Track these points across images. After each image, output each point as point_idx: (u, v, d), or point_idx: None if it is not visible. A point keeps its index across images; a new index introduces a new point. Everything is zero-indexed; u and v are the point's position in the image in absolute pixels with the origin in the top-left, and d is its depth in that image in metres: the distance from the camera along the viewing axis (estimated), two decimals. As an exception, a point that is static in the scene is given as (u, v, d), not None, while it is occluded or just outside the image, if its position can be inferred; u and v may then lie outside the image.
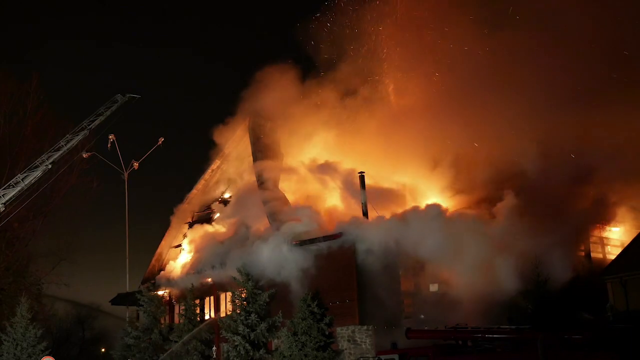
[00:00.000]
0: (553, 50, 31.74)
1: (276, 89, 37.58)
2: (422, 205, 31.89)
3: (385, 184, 33.54)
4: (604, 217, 33.77)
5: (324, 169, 33.97)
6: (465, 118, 32.64)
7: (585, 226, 33.14)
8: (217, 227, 38.85)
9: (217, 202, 40.73)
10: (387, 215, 31.62)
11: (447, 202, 32.40)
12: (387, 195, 32.79)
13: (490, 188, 31.37)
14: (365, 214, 31.59)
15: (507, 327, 24.32)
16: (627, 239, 33.59)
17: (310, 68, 38.30)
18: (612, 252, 33.70)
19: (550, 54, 31.73)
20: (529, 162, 30.77)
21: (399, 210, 31.62)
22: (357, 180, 32.52)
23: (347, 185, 33.00)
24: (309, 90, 37.82)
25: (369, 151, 34.95)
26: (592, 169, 31.05)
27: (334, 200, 34.82)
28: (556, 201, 30.38)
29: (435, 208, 30.49)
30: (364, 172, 32.18)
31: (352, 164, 33.97)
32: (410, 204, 32.32)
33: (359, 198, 32.44)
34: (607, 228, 35.03)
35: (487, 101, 32.32)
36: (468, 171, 32.32)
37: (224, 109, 39.03)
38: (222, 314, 35.10)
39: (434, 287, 30.89)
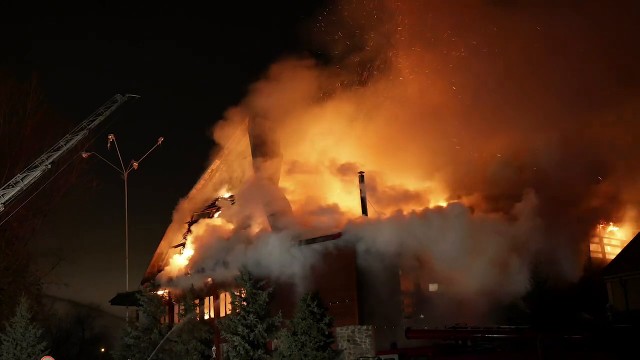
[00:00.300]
0: (567, 50, 31.67)
1: (279, 86, 37.44)
2: (431, 205, 31.90)
3: (398, 184, 33.33)
4: (613, 216, 33.79)
5: (345, 170, 33.59)
6: (480, 118, 32.52)
7: (592, 225, 33.22)
8: (223, 222, 38.59)
9: (222, 199, 40.47)
10: (389, 214, 31.60)
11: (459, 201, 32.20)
12: (399, 195, 32.65)
13: (505, 187, 31.29)
14: (365, 213, 31.52)
15: (507, 327, 24.32)
16: (626, 239, 33.64)
17: (318, 64, 37.97)
18: (612, 252, 33.71)
19: (564, 54, 31.69)
20: (546, 160, 30.69)
21: (405, 210, 31.44)
22: (378, 183, 32.39)
23: (369, 188, 32.76)
24: (317, 86, 37.60)
25: (379, 150, 34.62)
26: (607, 166, 31.13)
27: (342, 199, 34.47)
28: (568, 200, 30.42)
29: (456, 208, 30.23)
30: (363, 172, 32.12)
31: (358, 161, 33.67)
32: (421, 204, 32.17)
33: (377, 199, 32.35)
34: (608, 227, 35.06)
35: (504, 100, 32.22)
36: (482, 170, 32.12)
37: (224, 109, 38.89)
38: (221, 314, 35.16)
39: (433, 287, 30.89)
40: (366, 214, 31.49)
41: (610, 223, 35.03)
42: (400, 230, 29.29)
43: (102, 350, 49.36)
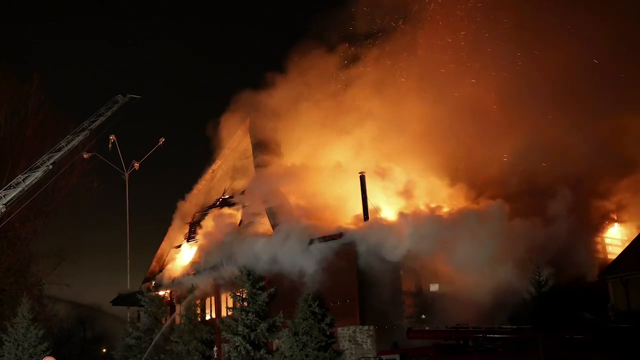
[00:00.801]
0: (598, 47, 31.38)
1: (284, 83, 37.20)
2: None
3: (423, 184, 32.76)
4: (626, 213, 33.70)
5: (384, 173, 32.92)
6: (505, 115, 32.15)
7: (602, 223, 33.17)
8: (237, 214, 38.47)
9: (237, 195, 40.08)
10: (391, 215, 31.56)
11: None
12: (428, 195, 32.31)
13: (533, 184, 30.97)
14: (365, 215, 31.42)
15: (508, 327, 24.32)
16: (627, 238, 33.56)
17: (326, 61, 36.95)
18: (613, 252, 33.64)
19: (595, 52, 31.43)
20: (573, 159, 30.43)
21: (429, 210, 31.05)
22: (412, 187, 32.11)
23: (405, 192, 32.41)
24: (326, 84, 36.91)
25: (396, 149, 33.94)
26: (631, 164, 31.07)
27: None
28: (588, 197, 30.34)
29: (495, 209, 29.45)
30: (364, 173, 32.02)
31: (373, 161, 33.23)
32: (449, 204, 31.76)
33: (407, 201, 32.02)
34: (609, 226, 34.95)
35: (531, 96, 31.93)
36: (507, 168, 31.67)
37: (225, 109, 38.92)
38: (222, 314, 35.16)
39: (434, 287, 30.85)
40: (367, 216, 31.34)
41: (614, 222, 34.89)
42: (430, 231, 29.00)
43: (104, 350, 49.39)
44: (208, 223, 38.49)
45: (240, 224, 37.12)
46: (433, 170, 32.76)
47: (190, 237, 40.94)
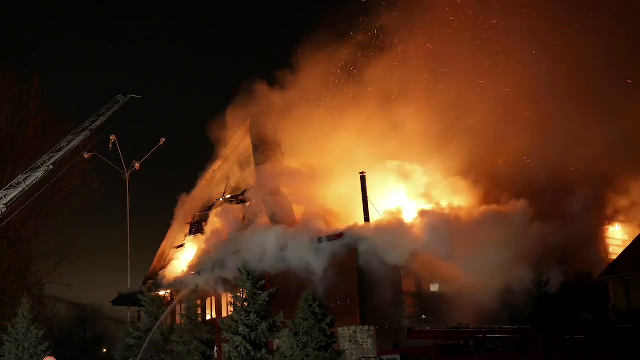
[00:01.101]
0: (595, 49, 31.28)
1: (286, 83, 37.08)
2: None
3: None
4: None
5: (405, 174, 32.84)
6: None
7: (608, 223, 33.16)
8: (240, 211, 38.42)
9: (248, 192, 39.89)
10: (391, 217, 31.54)
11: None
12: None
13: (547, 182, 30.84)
14: (366, 214, 31.40)
15: (509, 327, 24.32)
16: (628, 238, 33.54)
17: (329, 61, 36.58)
18: (613, 252, 33.63)
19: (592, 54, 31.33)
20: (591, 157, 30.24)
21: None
22: (431, 188, 32.08)
23: (427, 194, 32.39)
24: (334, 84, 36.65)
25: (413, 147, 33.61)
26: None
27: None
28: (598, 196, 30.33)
29: (519, 210, 29.49)
30: (365, 172, 31.98)
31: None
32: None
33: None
34: (610, 226, 34.93)
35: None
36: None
37: (226, 109, 38.89)
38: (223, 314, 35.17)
39: (435, 287, 30.85)
40: (367, 216, 31.29)
41: (618, 222, 34.84)
42: (402, 232, 29.07)
43: (104, 350, 49.40)
44: (214, 219, 38.53)
45: (243, 221, 37.17)
46: (451, 171, 32.64)
47: (192, 232, 40.89)
